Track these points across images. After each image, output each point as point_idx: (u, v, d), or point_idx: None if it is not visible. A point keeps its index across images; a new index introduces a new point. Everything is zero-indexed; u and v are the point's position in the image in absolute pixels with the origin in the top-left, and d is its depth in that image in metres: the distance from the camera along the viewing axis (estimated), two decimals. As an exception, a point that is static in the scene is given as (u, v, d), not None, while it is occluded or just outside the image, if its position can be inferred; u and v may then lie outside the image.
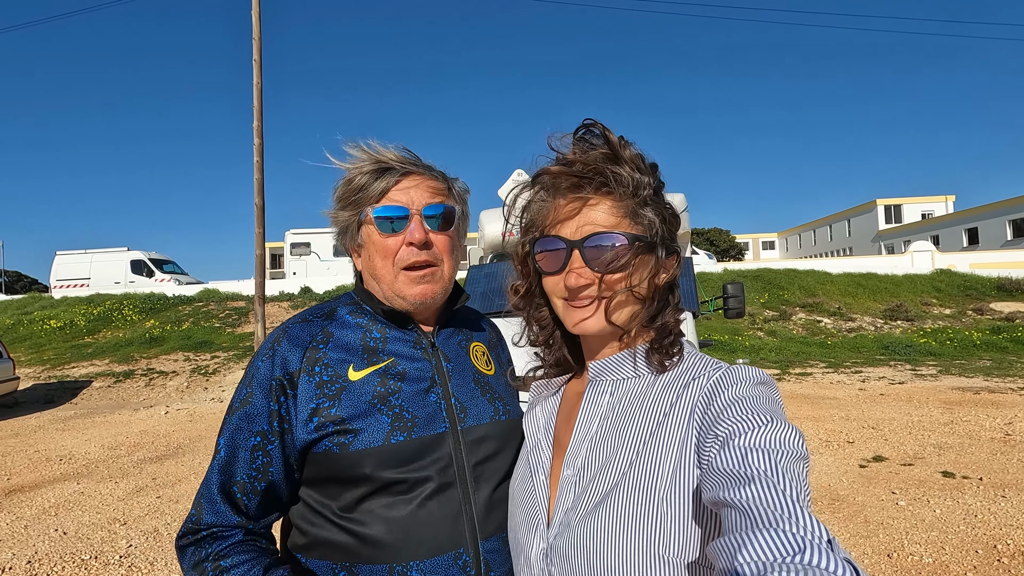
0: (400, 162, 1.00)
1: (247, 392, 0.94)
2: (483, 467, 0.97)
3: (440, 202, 1.02)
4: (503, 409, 1.05)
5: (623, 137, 0.80)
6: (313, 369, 0.94)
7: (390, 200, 0.98)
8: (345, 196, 1.01)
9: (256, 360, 0.97)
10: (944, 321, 14.96)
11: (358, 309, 1.05)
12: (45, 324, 16.59)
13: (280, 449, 0.92)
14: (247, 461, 0.92)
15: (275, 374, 0.93)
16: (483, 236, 6.56)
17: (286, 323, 1.01)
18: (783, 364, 11.64)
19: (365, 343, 1.00)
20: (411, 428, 0.94)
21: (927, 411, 7.29)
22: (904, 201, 42.44)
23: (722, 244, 48.45)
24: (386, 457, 0.91)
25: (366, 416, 0.93)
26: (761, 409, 0.66)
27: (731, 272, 18.04)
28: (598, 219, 0.78)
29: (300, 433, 0.92)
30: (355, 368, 0.96)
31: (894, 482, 4.71)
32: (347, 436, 0.91)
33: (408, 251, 0.98)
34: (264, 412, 0.92)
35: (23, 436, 7.75)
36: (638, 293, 0.79)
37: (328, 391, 0.93)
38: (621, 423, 0.79)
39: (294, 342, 0.96)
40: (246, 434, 0.92)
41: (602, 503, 0.73)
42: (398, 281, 1.00)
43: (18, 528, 4.38)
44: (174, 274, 23.00)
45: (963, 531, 3.75)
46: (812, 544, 0.47)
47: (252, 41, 11.17)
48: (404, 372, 0.99)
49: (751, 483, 0.55)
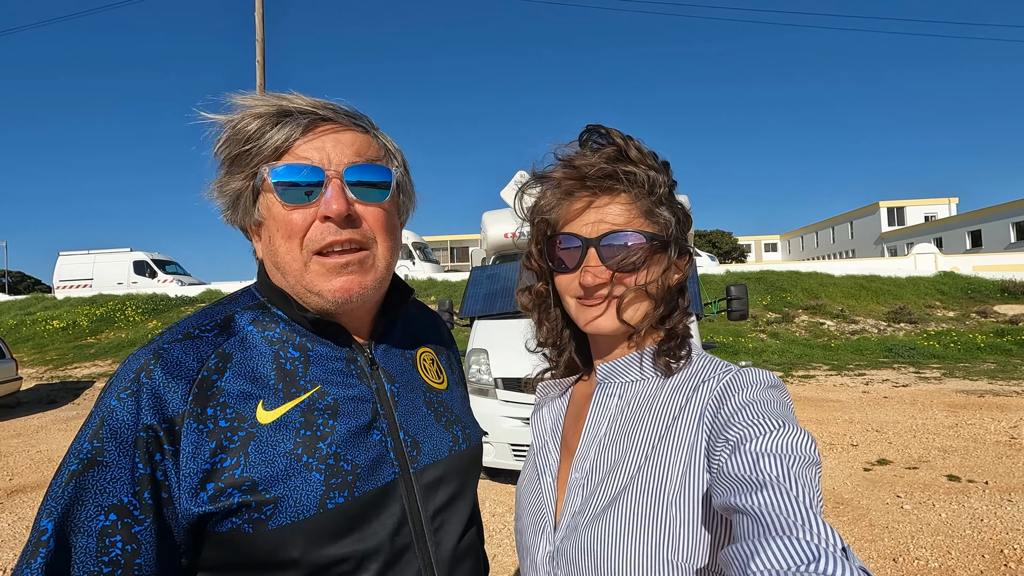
0: (310, 105, 0.72)
1: (94, 448, 0.62)
2: (443, 515, 0.79)
3: (370, 161, 0.75)
4: (462, 435, 0.87)
5: (631, 136, 0.79)
6: (204, 411, 0.66)
7: (295, 157, 0.71)
8: (230, 150, 0.72)
9: (107, 399, 0.65)
10: (948, 324, 14.91)
11: (264, 314, 0.77)
12: (48, 324, 16.63)
13: (155, 531, 0.63)
14: (92, 555, 0.60)
15: (144, 421, 0.63)
16: (486, 237, 6.56)
17: (159, 341, 0.69)
18: (786, 366, 11.60)
19: (279, 366, 0.73)
20: (352, 483, 0.70)
21: (931, 414, 7.25)
22: (907, 203, 42.35)
23: (724, 246, 48.45)
24: (323, 530, 0.67)
25: (288, 475, 0.67)
26: (772, 413, 0.65)
27: (733, 274, 18.01)
28: (614, 217, 0.77)
29: (187, 506, 0.64)
30: (266, 406, 0.70)
31: (899, 485, 4.68)
32: (263, 509, 0.65)
33: (324, 228, 0.71)
34: (125, 477, 0.62)
35: (25, 436, 7.76)
36: (652, 292, 0.78)
37: (228, 443, 0.66)
38: (630, 426, 0.78)
39: (174, 372, 0.66)
40: (91, 511, 0.60)
41: (610, 507, 0.72)
42: (310, 271, 0.72)
43: (20, 529, 4.37)
44: (177, 275, 23.03)
45: (969, 535, 3.72)
46: (827, 552, 0.46)
47: (255, 43, 11.20)
48: (335, 404, 0.74)
49: (763, 489, 0.54)
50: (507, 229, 6.13)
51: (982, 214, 32.95)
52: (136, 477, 0.63)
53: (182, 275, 23.41)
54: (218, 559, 0.68)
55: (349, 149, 0.74)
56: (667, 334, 0.81)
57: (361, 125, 0.77)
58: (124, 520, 0.62)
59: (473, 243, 23.23)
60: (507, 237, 6.20)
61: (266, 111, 0.71)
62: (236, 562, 0.68)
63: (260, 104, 0.72)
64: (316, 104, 0.73)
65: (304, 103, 0.73)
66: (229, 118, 0.73)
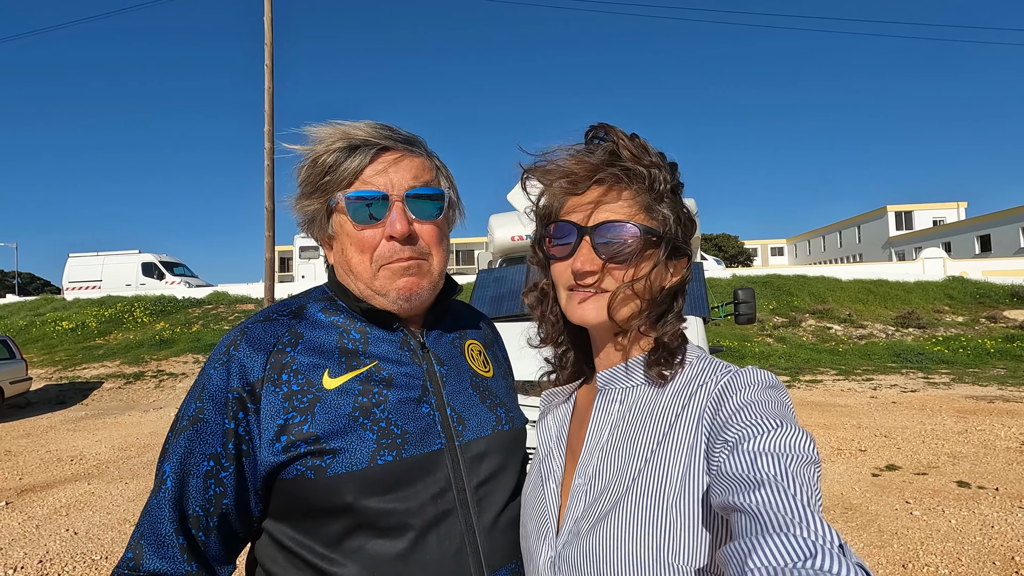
0: (374, 136, 0.84)
1: (196, 407, 0.78)
2: (487, 488, 0.85)
3: (426, 183, 0.86)
4: (505, 417, 0.94)
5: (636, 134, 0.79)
6: (280, 377, 0.79)
7: (365, 183, 0.83)
8: (310, 180, 0.85)
9: (207, 368, 0.81)
10: (957, 329, 14.79)
11: (332, 306, 0.90)
12: (57, 325, 16.78)
13: (236, 476, 0.78)
14: (200, 491, 0.76)
15: (232, 385, 0.78)
16: (492, 240, 6.55)
17: (244, 323, 0.85)
18: (793, 371, 11.54)
19: (342, 344, 0.85)
20: (401, 446, 0.80)
21: (940, 420, 7.20)
22: (915, 208, 42.10)
23: (731, 250, 48.28)
24: (372, 482, 0.77)
25: (346, 432, 0.78)
26: (770, 413, 0.65)
27: (740, 278, 17.95)
28: (611, 208, 0.77)
29: (265, 455, 0.77)
30: (331, 374, 0.82)
31: (908, 491, 4.65)
32: (323, 458, 0.76)
33: (389, 247, 0.84)
34: (218, 431, 0.77)
35: (35, 436, 7.83)
36: (642, 289, 0.77)
37: (299, 403, 0.78)
38: (631, 431, 0.78)
39: (255, 345, 0.80)
40: (197, 458, 0.77)
41: (611, 511, 0.72)
42: (378, 278, 0.85)
43: (30, 528, 4.41)
44: (184, 276, 23.19)
45: (979, 542, 3.69)
46: (823, 549, 0.46)
47: (264, 47, 11.29)
48: (390, 378, 0.84)
49: (761, 487, 0.54)
50: (514, 232, 6.13)
51: (991, 218, 32.70)
52: (225, 431, 0.77)
53: (190, 277, 23.57)
54: (289, 506, 0.80)
55: (408, 174, 0.85)
56: (658, 341, 0.79)
57: (416, 150, 0.88)
58: (218, 466, 0.77)
59: (480, 246, 23.29)
60: (514, 240, 6.20)
61: (340, 146, 0.83)
62: (302, 508, 0.78)
63: (334, 138, 0.84)
64: (379, 134, 0.84)
65: (368, 133, 0.84)
66: (310, 150, 0.85)
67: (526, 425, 1.01)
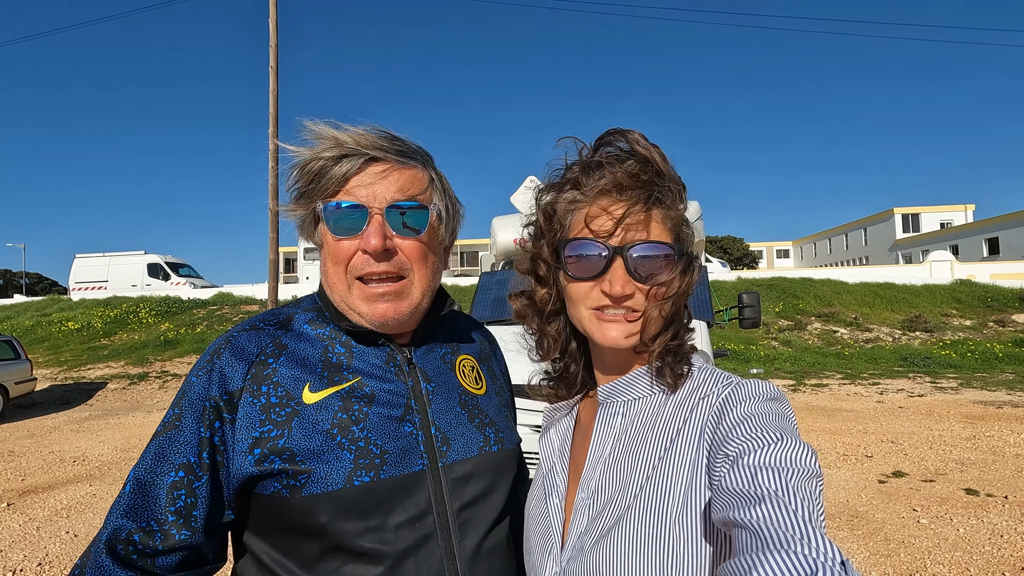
0: (363, 145, 0.80)
1: (175, 413, 0.77)
2: (470, 511, 0.83)
3: (411, 197, 0.83)
4: (495, 437, 0.90)
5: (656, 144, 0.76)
6: (259, 388, 0.78)
7: (348, 194, 0.81)
8: (297, 185, 0.84)
9: (191, 375, 0.80)
10: (965, 333, 14.67)
11: (319, 317, 0.88)
12: (63, 326, 16.89)
13: (209, 487, 0.75)
14: (164, 503, 0.73)
15: (211, 393, 0.77)
16: (495, 243, 6.54)
17: (231, 331, 0.84)
18: (798, 375, 11.47)
19: (326, 358, 0.83)
20: (380, 466, 0.77)
21: (948, 425, 7.12)
22: (922, 210, 41.82)
23: (736, 252, 48.14)
24: (347, 503, 0.75)
25: (323, 450, 0.76)
26: (771, 426, 0.64)
27: (745, 281, 17.87)
28: (647, 228, 0.74)
29: (237, 467, 0.75)
30: (312, 388, 0.80)
31: (915, 499, 4.59)
32: (298, 477, 0.74)
33: (364, 259, 0.81)
34: (192, 440, 0.75)
35: (39, 437, 7.86)
36: (670, 308, 0.76)
37: (276, 416, 0.77)
38: (634, 445, 0.77)
39: (237, 355, 0.79)
40: (165, 467, 0.74)
41: (615, 526, 0.71)
42: (352, 293, 0.83)
43: (30, 530, 4.41)
44: (189, 277, 23.30)
45: (988, 551, 3.63)
46: (825, 566, 0.45)
47: (269, 48, 11.33)
48: (373, 394, 0.82)
49: (761, 503, 0.53)
50: (517, 235, 6.11)
51: (1000, 221, 32.45)
52: (200, 439, 0.76)
53: (195, 278, 23.68)
54: (264, 523, 0.79)
55: (393, 186, 0.82)
56: (668, 349, 0.78)
57: (408, 162, 0.84)
58: (189, 476, 0.75)
59: (483, 248, 23.33)
60: (517, 243, 6.18)
61: (329, 154, 0.81)
62: (278, 527, 0.77)
63: (324, 144, 0.81)
64: (370, 143, 0.81)
65: (359, 142, 0.80)
66: (300, 155, 0.82)
67: (519, 445, 0.98)
